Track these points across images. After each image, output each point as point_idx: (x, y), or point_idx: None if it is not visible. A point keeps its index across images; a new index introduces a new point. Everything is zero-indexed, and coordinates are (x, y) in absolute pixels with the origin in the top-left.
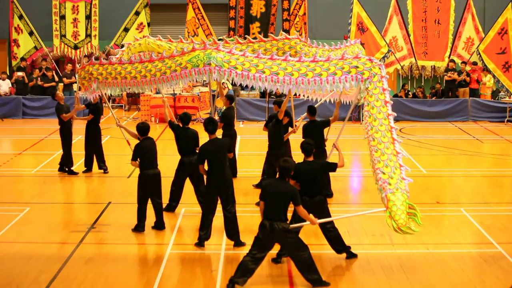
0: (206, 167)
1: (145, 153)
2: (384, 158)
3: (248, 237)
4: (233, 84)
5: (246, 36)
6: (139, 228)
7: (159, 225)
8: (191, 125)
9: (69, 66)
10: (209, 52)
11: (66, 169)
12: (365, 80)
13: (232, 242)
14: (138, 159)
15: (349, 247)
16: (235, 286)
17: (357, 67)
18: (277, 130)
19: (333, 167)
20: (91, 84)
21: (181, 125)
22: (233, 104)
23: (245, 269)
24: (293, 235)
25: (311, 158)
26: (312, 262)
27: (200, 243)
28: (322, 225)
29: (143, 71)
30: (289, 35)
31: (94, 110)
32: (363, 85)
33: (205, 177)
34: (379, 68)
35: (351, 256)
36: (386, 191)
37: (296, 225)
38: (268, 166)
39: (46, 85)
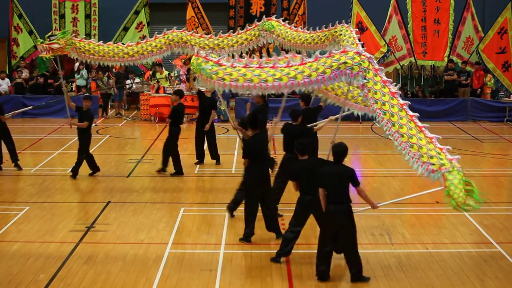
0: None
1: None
2: (424, 151)
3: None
4: None
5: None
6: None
7: None
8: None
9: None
10: (200, 61)
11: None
12: (355, 75)
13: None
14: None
15: None
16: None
17: (345, 62)
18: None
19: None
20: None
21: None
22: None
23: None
24: (353, 219)
25: (305, 157)
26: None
27: (245, 239)
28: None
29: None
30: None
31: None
32: (354, 80)
33: None
34: (369, 62)
35: None
36: (442, 171)
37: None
38: None
39: (54, 83)
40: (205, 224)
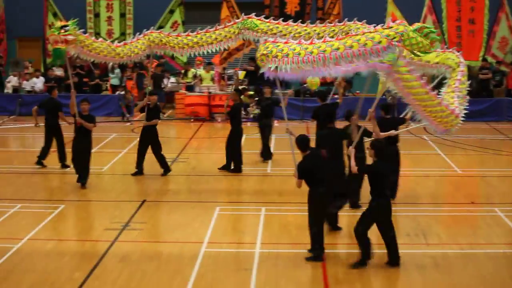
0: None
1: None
2: (356, 47)
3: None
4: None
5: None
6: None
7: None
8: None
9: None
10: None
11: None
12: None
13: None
14: None
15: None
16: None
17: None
18: None
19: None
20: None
21: None
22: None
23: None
24: None
25: (308, 152)
26: None
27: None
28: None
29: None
30: None
31: None
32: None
33: None
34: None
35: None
36: (394, 44)
37: None
38: None
39: (90, 82)
40: (240, 223)
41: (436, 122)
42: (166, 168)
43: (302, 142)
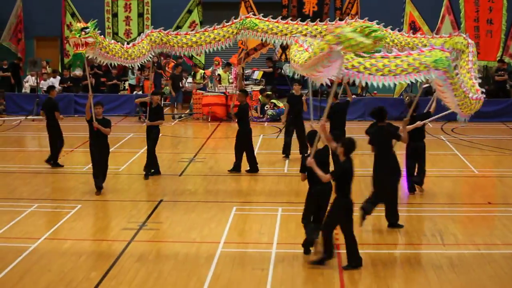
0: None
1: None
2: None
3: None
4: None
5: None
6: None
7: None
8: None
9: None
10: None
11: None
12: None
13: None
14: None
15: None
16: None
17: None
18: None
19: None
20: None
21: None
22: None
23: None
24: None
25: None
26: None
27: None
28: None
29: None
30: None
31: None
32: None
33: None
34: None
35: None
36: (334, 48)
37: None
38: None
39: (107, 82)
40: (257, 224)
41: (463, 111)
42: (147, 172)
43: (310, 137)
